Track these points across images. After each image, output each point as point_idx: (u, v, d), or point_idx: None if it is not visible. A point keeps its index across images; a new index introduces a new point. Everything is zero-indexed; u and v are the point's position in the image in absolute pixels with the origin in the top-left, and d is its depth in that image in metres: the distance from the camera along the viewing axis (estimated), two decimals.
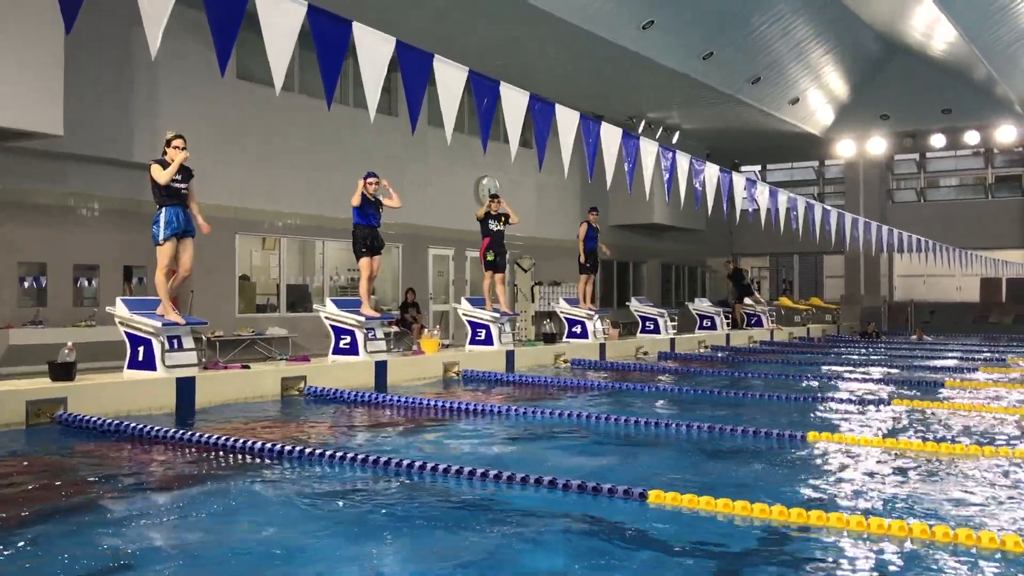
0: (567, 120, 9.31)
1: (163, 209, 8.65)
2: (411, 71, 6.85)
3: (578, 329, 15.50)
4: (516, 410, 8.43)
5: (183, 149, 8.62)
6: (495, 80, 8.15)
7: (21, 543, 4.16)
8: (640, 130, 23.58)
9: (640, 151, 10.71)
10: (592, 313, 15.56)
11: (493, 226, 13.32)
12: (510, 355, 12.83)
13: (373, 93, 6.48)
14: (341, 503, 5.08)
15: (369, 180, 11.06)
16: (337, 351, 10.86)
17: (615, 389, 10.77)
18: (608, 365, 13.98)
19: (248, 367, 9.62)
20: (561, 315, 15.78)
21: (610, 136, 10.10)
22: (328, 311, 10.96)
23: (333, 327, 10.92)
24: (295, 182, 16.45)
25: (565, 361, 13.78)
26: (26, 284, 13.23)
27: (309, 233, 16.94)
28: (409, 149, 18.46)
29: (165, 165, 8.58)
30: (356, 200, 10.96)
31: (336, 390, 9.48)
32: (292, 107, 16.07)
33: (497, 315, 13.06)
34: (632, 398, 10.09)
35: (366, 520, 4.70)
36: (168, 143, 8.66)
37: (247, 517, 4.73)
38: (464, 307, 13.32)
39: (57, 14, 11.42)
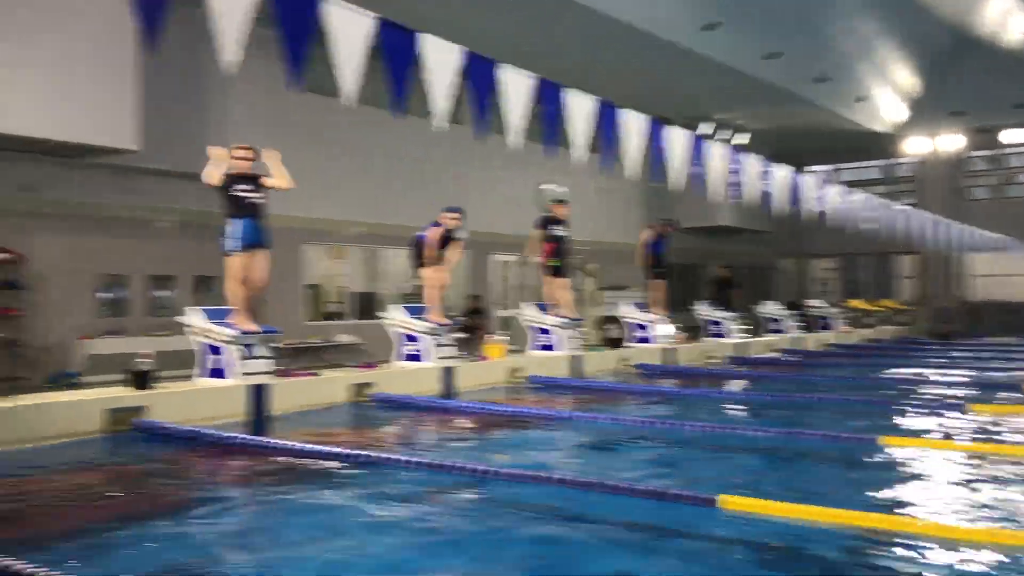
0: (632, 123, 9.28)
1: (232, 220, 8.82)
2: (478, 79, 6.89)
3: (643, 334, 15.40)
4: (583, 415, 8.42)
5: (241, 159, 8.79)
6: (560, 85, 8.18)
7: (97, 550, 4.30)
8: (706, 132, 23.35)
9: (706, 153, 10.61)
10: (657, 318, 15.45)
11: (557, 231, 13.33)
12: (575, 360, 12.82)
13: (440, 103, 6.53)
14: (411, 509, 5.12)
15: (452, 215, 11.23)
16: (404, 357, 10.98)
17: (682, 394, 10.68)
18: (674, 370, 13.87)
19: (318, 374, 9.79)
20: (626, 320, 15.70)
21: (675, 138, 10.03)
22: (395, 318, 11.10)
23: (400, 334, 11.04)
24: (360, 191, 16.68)
25: (630, 366, 13.71)
26: (105, 295, 13.65)
27: (375, 241, 17.16)
28: (471, 156, 18.59)
29: (227, 174, 8.74)
30: (435, 235, 11.14)
31: (404, 396, 9.57)
32: (356, 117, 16.28)
33: (562, 320, 13.06)
34: (700, 402, 9.99)
35: (435, 527, 4.74)
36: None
37: (317, 523, 4.80)
38: (528, 312, 13.35)
39: (131, 31, 11.87)
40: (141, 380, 7.97)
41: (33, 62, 10.97)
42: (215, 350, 8.72)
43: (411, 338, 10.97)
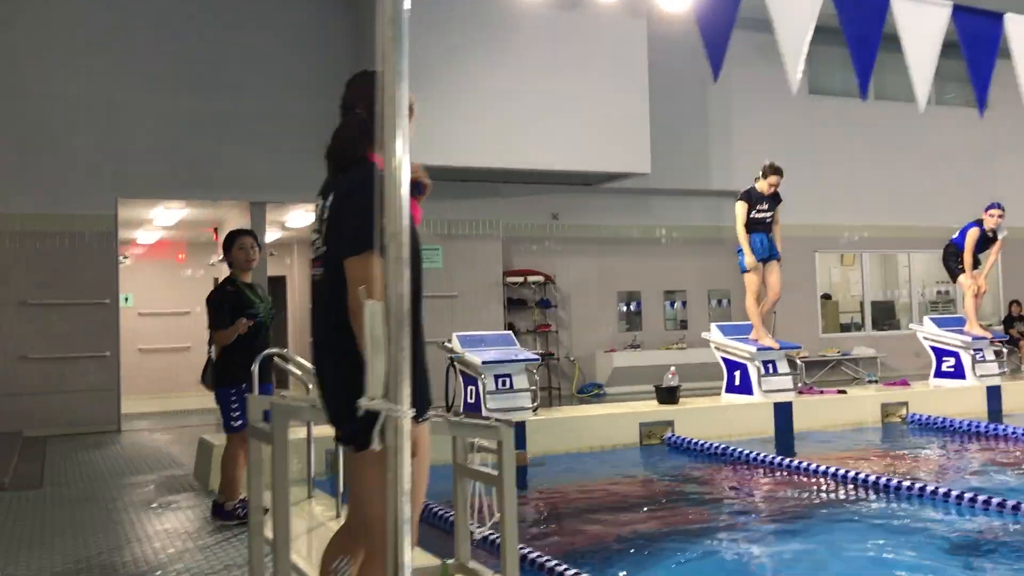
0: None
1: (747, 236, 8.72)
2: None
3: None
4: None
5: (777, 185, 8.66)
6: None
7: (640, 563, 4.35)
8: None
9: None
10: None
11: None
12: None
13: None
14: (949, 547, 4.53)
15: (993, 212, 9.97)
16: (939, 374, 9.89)
17: None
18: None
19: (844, 392, 9.24)
20: None
21: None
22: (927, 331, 10.06)
23: (935, 348, 9.98)
24: (874, 192, 15.55)
25: None
26: (622, 310, 14.41)
27: (891, 246, 15.91)
28: (998, 143, 16.35)
29: (750, 197, 8.66)
30: (972, 237, 9.94)
31: (942, 418, 8.59)
32: (867, 115, 15.25)
33: None
34: None
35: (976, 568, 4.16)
36: (764, 175, 8.69)
37: (839, 554, 4.45)
38: None
39: (642, 61, 12.46)
40: (669, 395, 8.17)
41: (561, 103, 11.96)
42: (737, 366, 8.65)
43: (947, 353, 9.85)
